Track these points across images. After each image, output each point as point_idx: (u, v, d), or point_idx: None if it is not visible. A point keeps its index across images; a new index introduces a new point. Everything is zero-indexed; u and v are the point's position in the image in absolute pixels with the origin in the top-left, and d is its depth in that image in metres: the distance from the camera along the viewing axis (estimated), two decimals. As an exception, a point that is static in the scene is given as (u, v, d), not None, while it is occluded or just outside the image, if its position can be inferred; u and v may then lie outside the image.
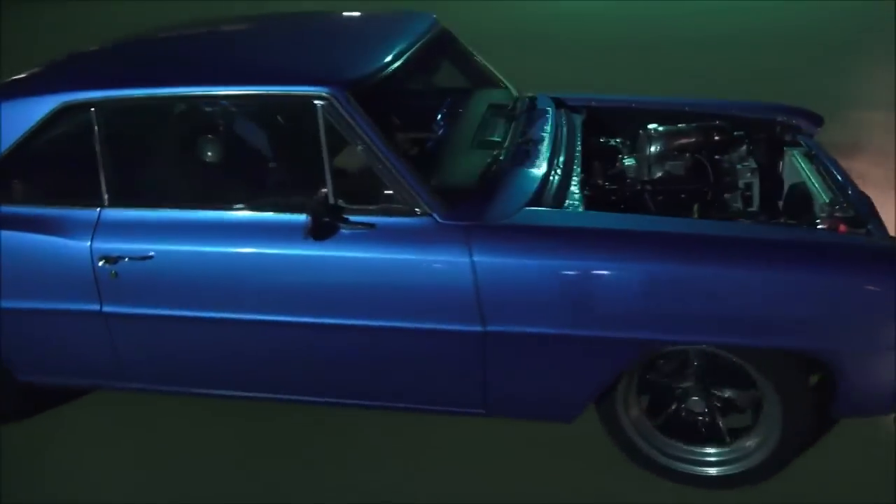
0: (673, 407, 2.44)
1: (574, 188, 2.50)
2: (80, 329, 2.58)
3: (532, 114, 3.05)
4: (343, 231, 2.29)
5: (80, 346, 2.62)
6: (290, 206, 2.36)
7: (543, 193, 2.41)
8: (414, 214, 2.27)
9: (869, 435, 2.60)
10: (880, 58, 7.23)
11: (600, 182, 2.78)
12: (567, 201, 2.41)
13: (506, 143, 2.65)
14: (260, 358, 2.51)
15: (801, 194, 2.72)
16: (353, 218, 2.29)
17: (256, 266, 2.37)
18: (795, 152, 2.93)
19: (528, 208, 2.32)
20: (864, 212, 2.42)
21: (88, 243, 2.47)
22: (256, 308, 2.39)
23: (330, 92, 2.27)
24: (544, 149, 2.69)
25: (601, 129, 3.24)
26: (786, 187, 2.96)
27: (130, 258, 2.43)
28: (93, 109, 2.45)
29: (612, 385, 2.34)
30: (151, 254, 2.42)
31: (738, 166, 2.93)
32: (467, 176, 2.43)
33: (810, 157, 2.85)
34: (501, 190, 2.40)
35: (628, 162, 2.92)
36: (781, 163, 3.06)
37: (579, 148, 2.83)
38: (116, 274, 2.45)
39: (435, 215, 2.26)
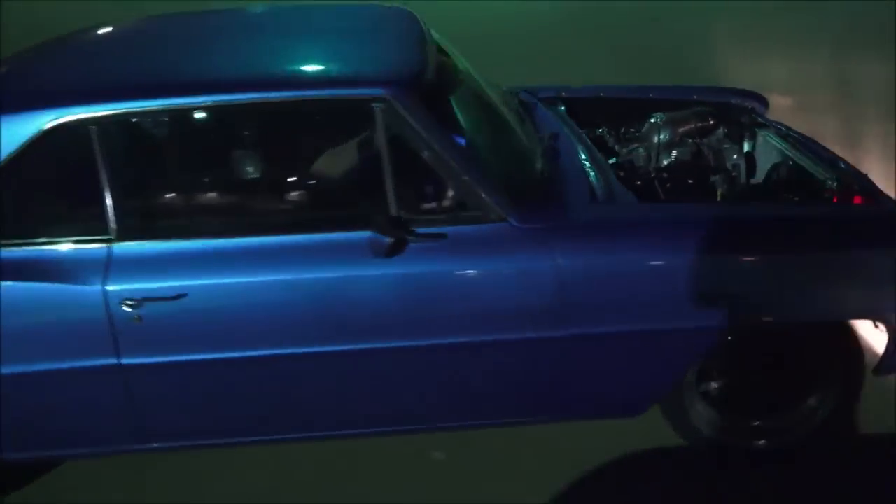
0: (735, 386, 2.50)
1: (615, 181, 2.48)
2: (90, 388, 2.18)
3: (527, 109, 2.99)
4: (412, 245, 2.11)
5: (90, 408, 2.22)
6: (346, 222, 2.14)
7: (595, 189, 2.38)
8: (487, 220, 2.14)
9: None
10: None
11: (621, 173, 2.78)
12: (617, 195, 2.39)
13: (535, 141, 2.59)
14: (326, 392, 2.26)
15: (791, 172, 2.87)
16: (420, 230, 2.12)
17: (316, 293, 2.12)
18: (767, 133, 3.10)
19: (594, 205, 2.28)
20: (865, 182, 2.62)
21: (100, 286, 2.09)
22: (321, 340, 2.15)
23: (389, 93, 2.07)
24: (568, 144, 2.65)
25: (581, 120, 3.25)
26: (761, 167, 3.13)
27: (157, 299, 2.09)
28: (94, 127, 2.06)
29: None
30: (184, 291, 2.09)
31: (721, 149, 3.06)
32: (524, 177, 2.33)
33: (784, 137, 3.02)
34: (563, 189, 2.33)
35: (638, 151, 2.95)
36: (752, 143, 3.23)
37: (587, 140, 2.82)
38: (140, 318, 2.10)
39: (511, 220, 2.14)
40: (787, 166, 2.90)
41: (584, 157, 2.60)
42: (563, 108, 3.20)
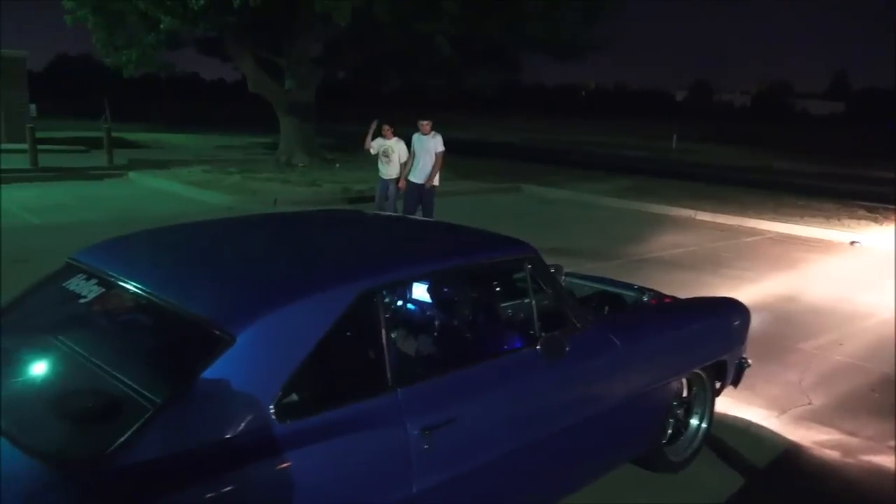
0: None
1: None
2: None
3: None
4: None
5: None
6: (525, 342, 3.01)
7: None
8: (575, 331, 3.20)
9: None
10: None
11: None
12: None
13: None
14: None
15: (607, 296, 4.52)
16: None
17: (529, 391, 2.93)
18: (565, 277, 4.74)
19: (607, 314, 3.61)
20: (657, 292, 4.45)
21: (404, 426, 2.46)
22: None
23: (532, 253, 3.12)
24: None
25: None
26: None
27: (440, 426, 2.55)
28: (381, 293, 2.54)
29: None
30: (454, 416, 2.61)
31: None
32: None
33: (579, 276, 4.72)
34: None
35: None
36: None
37: None
38: (429, 447, 2.52)
39: (588, 328, 3.27)
40: (601, 294, 4.53)
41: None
42: None
